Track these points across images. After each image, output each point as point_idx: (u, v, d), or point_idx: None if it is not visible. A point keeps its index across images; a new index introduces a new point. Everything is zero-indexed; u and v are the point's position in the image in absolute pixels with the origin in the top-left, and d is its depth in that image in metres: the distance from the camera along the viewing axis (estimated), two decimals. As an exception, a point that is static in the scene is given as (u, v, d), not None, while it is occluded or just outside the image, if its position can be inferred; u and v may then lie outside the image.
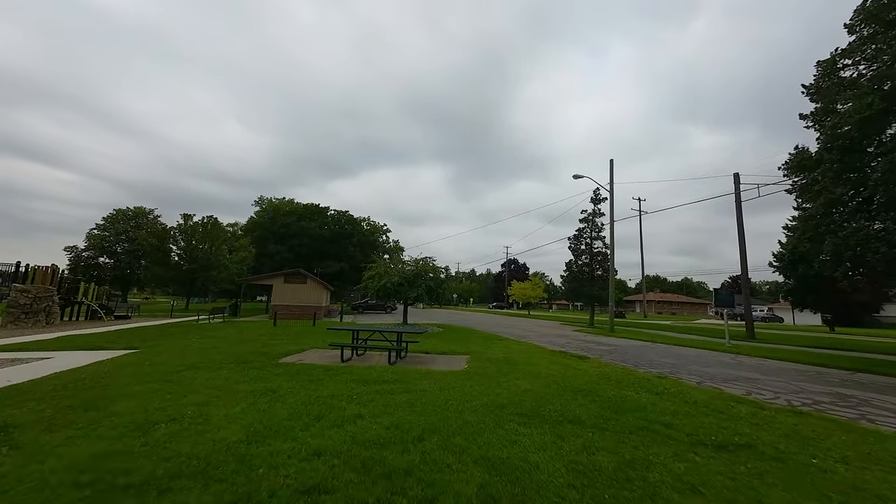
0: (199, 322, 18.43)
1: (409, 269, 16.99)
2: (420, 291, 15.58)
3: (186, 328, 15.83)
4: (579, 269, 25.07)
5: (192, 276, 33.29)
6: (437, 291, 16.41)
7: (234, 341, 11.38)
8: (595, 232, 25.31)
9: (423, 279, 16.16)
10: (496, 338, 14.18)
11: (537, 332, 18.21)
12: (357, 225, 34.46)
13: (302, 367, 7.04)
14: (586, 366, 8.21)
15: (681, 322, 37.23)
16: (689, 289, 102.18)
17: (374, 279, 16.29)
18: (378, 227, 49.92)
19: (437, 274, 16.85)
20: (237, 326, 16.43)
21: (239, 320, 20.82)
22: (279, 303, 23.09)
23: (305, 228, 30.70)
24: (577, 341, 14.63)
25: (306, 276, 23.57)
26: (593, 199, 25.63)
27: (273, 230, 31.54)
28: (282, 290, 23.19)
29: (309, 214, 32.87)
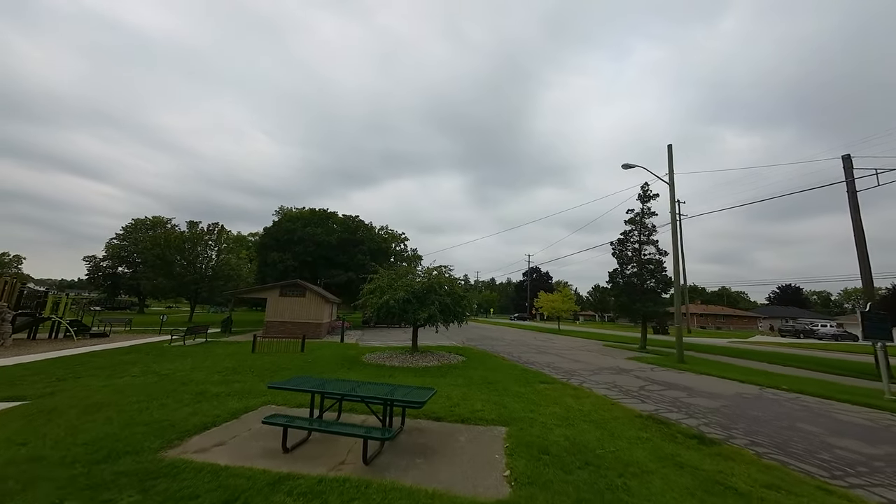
0: (171, 344, 15.54)
1: (419, 280, 13.49)
2: (432, 311, 12.03)
3: (148, 354, 12.88)
4: (627, 279, 20.81)
5: (195, 287, 31.16)
6: (454, 310, 12.79)
7: (168, 383, 8.15)
8: (645, 235, 21.06)
9: (435, 294, 12.61)
10: (537, 377, 10.37)
11: (586, 363, 14.21)
12: (368, 230, 31.42)
13: (196, 474, 3.61)
14: (741, 478, 4.36)
15: (737, 339, 31.85)
16: (729, 299, 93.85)
17: (374, 294, 12.88)
18: (396, 235, 47.02)
19: (453, 287, 13.26)
20: (206, 352, 13.36)
21: (223, 340, 17.86)
22: (274, 319, 20.08)
23: (311, 234, 27.88)
24: (648, 382, 10.61)
25: (305, 287, 20.51)
26: (641, 196, 21.44)
27: (276, 237, 28.93)
28: (277, 305, 20.20)
29: (316, 220, 30.14)
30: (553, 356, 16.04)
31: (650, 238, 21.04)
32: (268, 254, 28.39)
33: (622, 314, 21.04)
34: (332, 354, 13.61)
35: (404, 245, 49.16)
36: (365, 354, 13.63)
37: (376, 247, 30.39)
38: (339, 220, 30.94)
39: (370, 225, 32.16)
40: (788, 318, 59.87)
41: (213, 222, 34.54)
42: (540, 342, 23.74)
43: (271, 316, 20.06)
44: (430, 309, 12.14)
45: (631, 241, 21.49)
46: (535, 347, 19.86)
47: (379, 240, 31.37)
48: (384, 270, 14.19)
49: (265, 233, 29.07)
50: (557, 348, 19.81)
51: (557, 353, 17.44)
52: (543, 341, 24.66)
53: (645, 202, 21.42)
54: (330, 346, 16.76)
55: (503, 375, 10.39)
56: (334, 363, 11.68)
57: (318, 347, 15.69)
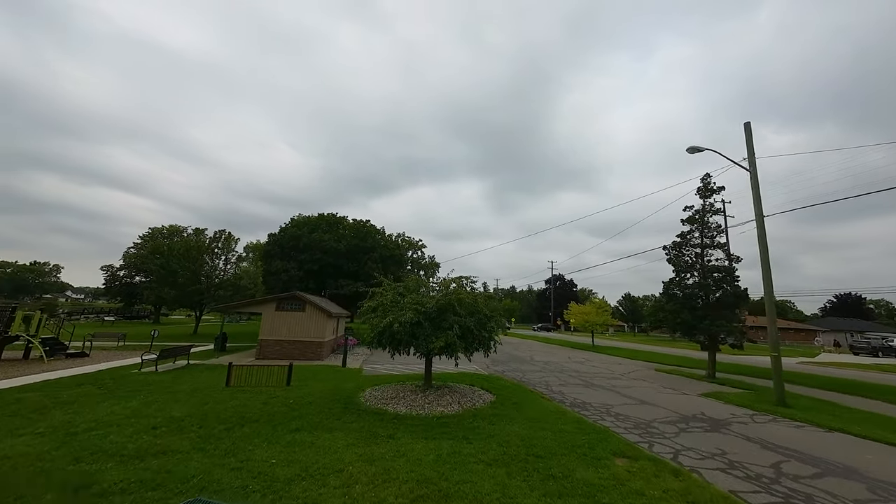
0: (140, 370, 13.09)
1: (433, 295, 10.47)
2: (450, 337, 8.95)
3: (100, 388, 10.40)
4: (689, 291, 17.04)
5: (199, 297, 29.35)
6: (478, 335, 9.64)
7: (61, 452, 5.39)
8: (708, 237, 17.30)
9: (454, 315, 9.55)
10: (605, 440, 7.04)
11: (655, 405, 10.71)
12: (379, 236, 28.77)
13: None
14: None
15: (807, 359, 26.87)
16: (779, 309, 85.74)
17: (376, 314, 9.93)
18: (413, 242, 44.44)
19: (476, 303, 10.14)
20: (169, 385, 10.73)
21: (209, 363, 15.34)
22: (269, 337, 17.51)
23: (317, 241, 25.45)
24: (774, 453, 7.08)
25: (304, 301, 17.88)
26: (702, 189, 17.74)
27: (281, 244, 26.71)
28: (273, 321, 17.64)
29: (324, 225, 27.79)
30: (607, 392, 12.54)
31: (715, 240, 17.26)
32: (271, 262, 26.17)
33: (684, 334, 17.22)
34: (324, 391, 10.72)
35: (421, 252, 46.53)
36: (365, 390, 10.67)
37: (388, 254, 27.66)
38: (348, 226, 28.49)
39: (382, 230, 29.54)
40: (854, 331, 52.96)
41: (219, 229, 32.92)
42: (578, 364, 20.12)
43: (266, 333, 17.50)
44: (446, 334, 9.07)
45: (691, 243, 17.76)
46: (577, 374, 16.33)
47: (392, 246, 28.64)
48: (389, 283, 11.24)
49: (270, 240, 26.94)
50: (604, 375, 16.21)
51: (610, 385, 13.89)
52: (581, 362, 21.01)
53: (706, 197, 17.70)
54: (327, 372, 13.92)
55: (554, 437, 7.14)
56: (321, 407, 8.76)
57: (311, 376, 12.86)
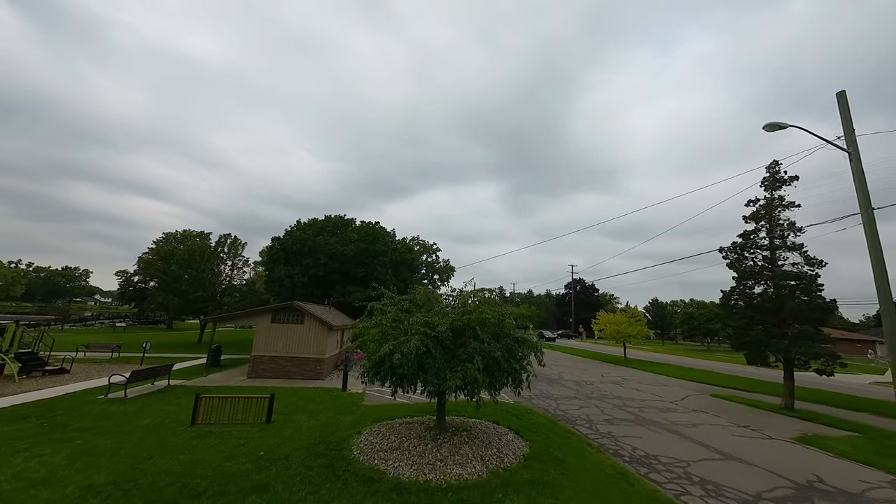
0: (106, 396, 11.23)
1: (448, 311, 8.15)
2: (470, 372, 6.61)
3: (43, 424, 8.54)
4: (758, 303, 14.10)
5: (202, 305, 28.00)
6: (508, 367, 7.23)
7: None
8: (780, 238, 14.34)
9: (475, 340, 7.20)
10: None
11: (745, 462, 8.02)
12: (389, 239, 26.68)
13: None
14: None
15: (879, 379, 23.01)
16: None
17: (373, 340, 7.70)
18: (427, 246, 42.58)
19: (501, 321, 7.76)
20: (125, 421, 8.74)
21: (191, 385, 13.44)
22: (263, 353, 15.56)
23: (322, 245, 23.56)
24: None
25: (303, 312, 15.87)
26: (769, 180, 14.81)
27: (286, 248, 24.98)
28: (268, 334, 15.69)
29: (330, 227, 25.95)
30: (670, 434, 9.86)
31: (787, 240, 14.28)
32: (275, 268, 24.44)
33: (753, 355, 14.24)
34: (311, 431, 8.53)
35: (436, 256, 44.47)
36: (362, 432, 8.42)
37: (399, 258, 25.53)
38: (356, 229, 26.54)
39: (392, 232, 27.45)
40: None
41: (225, 233, 31.69)
42: (615, 384, 17.31)
43: (261, 348, 15.56)
44: (465, 368, 6.71)
45: (756, 244, 14.82)
46: (622, 402, 13.61)
47: (403, 250, 26.49)
48: (391, 295, 9.01)
49: (274, 244, 25.27)
50: (653, 403, 13.44)
51: (668, 422, 11.17)
52: (618, 382, 18.18)
53: (774, 188, 14.76)
54: (322, 399, 11.75)
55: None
56: (298, 466, 6.55)
57: (301, 406, 10.70)
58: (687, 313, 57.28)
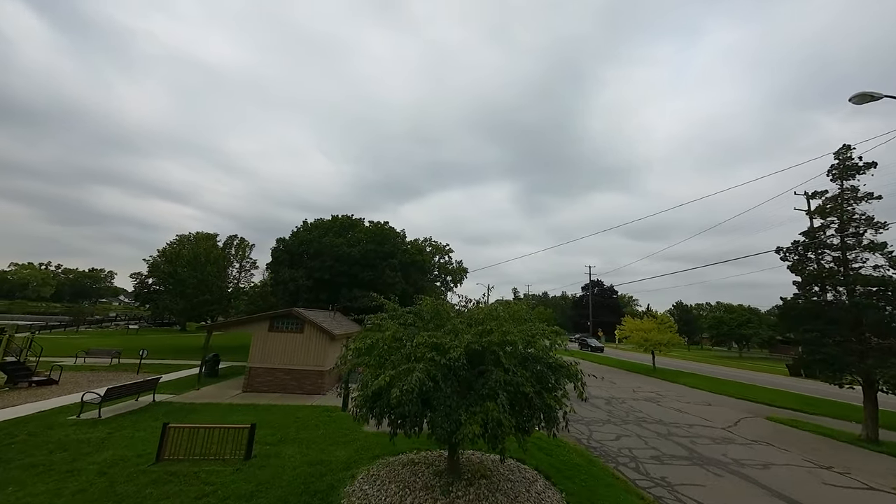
0: (78, 416, 10.02)
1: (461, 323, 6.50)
2: (493, 413, 4.97)
3: (12, 447, 7.32)
4: (830, 312, 11.89)
5: (208, 308, 27.22)
6: (540, 403, 5.54)
7: None
8: (855, 236, 12.09)
9: (494, 364, 5.53)
10: None
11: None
12: (399, 240, 25.21)
13: None
14: None
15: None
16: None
17: (366, 364, 6.15)
18: (440, 247, 41.36)
19: (531, 342, 6.07)
20: (80, 454, 7.40)
21: (177, 402, 12.17)
22: (259, 364, 14.24)
23: (328, 246, 22.27)
24: None
25: (303, 320, 14.50)
26: (838, 168, 12.59)
27: (290, 250, 23.81)
28: (265, 344, 14.38)
29: (337, 228, 24.67)
30: (738, 482, 7.92)
31: (861, 237, 12.03)
32: (280, 270, 23.30)
33: (825, 373, 12.02)
34: (295, 471, 7.02)
35: (448, 257, 42.99)
36: (358, 474, 6.86)
37: (409, 259, 24.02)
38: (364, 230, 25.18)
39: (402, 233, 25.99)
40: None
41: (231, 235, 30.89)
42: (652, 403, 15.26)
43: (257, 359, 14.25)
44: (486, 408, 5.06)
45: (825, 244, 12.61)
46: (666, 429, 11.64)
47: (414, 251, 24.97)
48: (393, 306, 7.43)
49: (278, 245, 24.18)
50: (703, 430, 11.42)
51: (730, 460, 9.20)
52: (654, 399, 16.10)
53: (845, 178, 12.52)
54: (317, 422, 10.25)
55: None
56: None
57: (291, 434, 9.22)
58: (715, 318, 53.88)
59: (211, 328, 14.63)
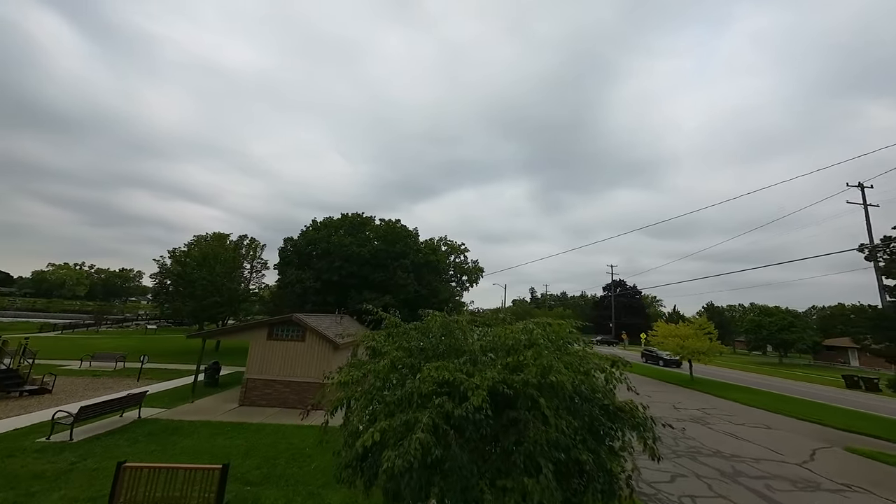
0: (48, 439, 8.91)
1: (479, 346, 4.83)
2: (535, 493, 3.36)
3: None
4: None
5: (217, 311, 26.52)
6: (594, 469, 3.87)
7: None
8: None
9: (529, 409, 3.83)
10: None
11: None
12: (411, 239, 23.73)
13: None
14: None
15: None
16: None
17: (353, 411, 4.61)
18: (455, 246, 40.33)
19: (590, 384, 4.34)
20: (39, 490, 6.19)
21: (165, 419, 11.00)
22: (258, 375, 13.00)
23: (337, 246, 20.98)
24: None
25: (304, 327, 13.16)
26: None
27: (299, 249, 22.70)
28: (263, 353, 13.12)
29: (346, 227, 23.40)
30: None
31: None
32: (286, 272, 22.22)
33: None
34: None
35: (464, 256, 41.60)
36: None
37: (422, 259, 22.51)
38: (374, 228, 23.82)
39: (415, 231, 24.50)
40: None
41: (242, 234, 30.22)
42: (697, 422, 13.13)
43: (255, 370, 13.01)
44: (520, 485, 3.38)
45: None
46: (732, 468, 9.62)
47: (427, 251, 23.44)
48: (393, 320, 5.84)
49: (286, 245, 23.11)
50: (781, 474, 9.34)
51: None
52: (699, 417, 13.93)
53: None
54: (310, 455, 8.80)
55: None
56: None
57: (276, 471, 7.79)
58: (753, 321, 50.07)
59: (206, 335, 13.49)
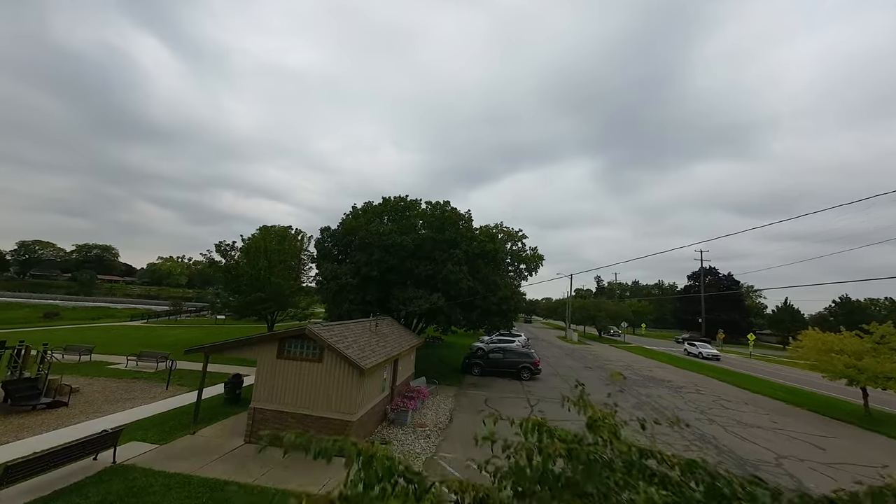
0: None
1: None
2: None
3: None
4: None
5: (261, 306, 25.33)
6: None
7: None
8: None
9: None
10: None
11: None
12: (463, 224, 19.60)
13: None
14: None
15: None
16: None
17: None
18: (512, 233, 35.92)
19: None
20: None
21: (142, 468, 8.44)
22: (266, 405, 10.05)
23: (376, 235, 17.69)
24: None
25: (321, 345, 9.86)
26: None
27: (337, 240, 19.91)
28: (272, 375, 10.14)
29: (388, 212, 20.03)
30: None
31: None
32: (322, 265, 19.59)
33: None
34: None
35: (521, 244, 36.88)
36: None
37: (477, 249, 18.31)
38: (421, 213, 20.13)
39: (467, 215, 20.29)
40: None
41: (286, 226, 28.71)
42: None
43: (262, 397, 10.11)
44: None
45: None
46: None
47: (483, 238, 19.19)
48: (385, 462, 1.69)
49: (322, 236, 20.50)
50: None
51: None
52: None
53: None
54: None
55: None
56: None
57: None
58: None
59: (207, 350, 10.88)
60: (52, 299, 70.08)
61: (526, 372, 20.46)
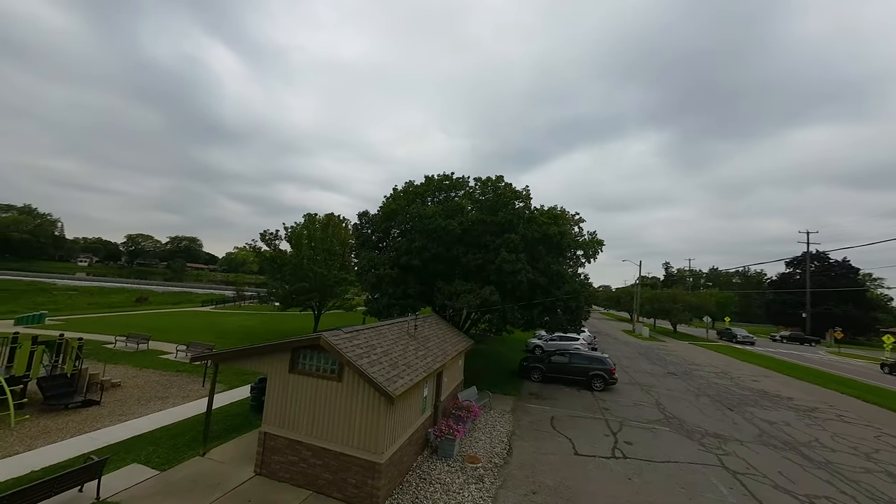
0: None
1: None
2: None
3: None
4: None
5: (305, 297, 24.52)
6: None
7: None
8: None
9: None
10: None
11: None
12: (521, 204, 16.30)
13: None
14: None
15: None
16: None
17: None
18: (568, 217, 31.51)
19: None
20: None
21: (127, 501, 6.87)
22: (278, 431, 8.07)
23: (416, 218, 15.17)
24: None
25: (340, 361, 7.53)
26: None
27: (376, 225, 17.77)
28: (285, 394, 8.11)
29: (430, 192, 17.35)
30: None
31: None
32: (360, 254, 17.61)
33: None
34: None
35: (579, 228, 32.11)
36: None
37: (539, 233, 14.97)
38: (469, 195, 17.15)
39: (525, 192, 16.87)
40: None
41: (328, 213, 27.53)
42: None
43: (273, 420, 8.16)
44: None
45: None
46: None
47: (544, 220, 15.74)
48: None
49: (360, 222, 18.49)
50: None
51: None
52: None
53: None
54: None
55: None
56: None
57: None
58: None
59: (213, 358, 9.20)
60: (150, 285, 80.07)
61: (598, 381, 16.91)
